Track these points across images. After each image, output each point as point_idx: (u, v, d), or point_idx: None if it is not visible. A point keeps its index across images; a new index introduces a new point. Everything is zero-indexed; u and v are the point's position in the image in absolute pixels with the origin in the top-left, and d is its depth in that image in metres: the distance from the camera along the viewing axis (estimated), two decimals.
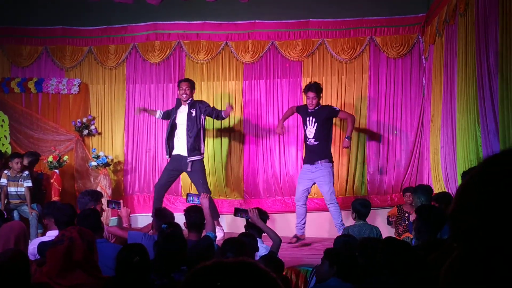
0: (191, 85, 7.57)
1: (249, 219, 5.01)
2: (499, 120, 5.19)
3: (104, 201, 6.47)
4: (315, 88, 7.14)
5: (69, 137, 8.96)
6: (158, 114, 8.00)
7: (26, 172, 7.66)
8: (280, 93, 8.85)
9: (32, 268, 3.37)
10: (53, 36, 9.28)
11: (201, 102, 7.73)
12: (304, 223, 7.24)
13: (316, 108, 7.20)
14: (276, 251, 4.76)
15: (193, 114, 7.43)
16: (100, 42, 9.24)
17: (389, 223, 7.52)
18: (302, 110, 7.43)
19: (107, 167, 8.73)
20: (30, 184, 7.58)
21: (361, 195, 8.31)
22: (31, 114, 9.04)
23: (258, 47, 8.88)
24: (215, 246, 4.51)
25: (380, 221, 7.63)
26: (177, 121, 7.55)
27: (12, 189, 7.60)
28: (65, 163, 8.51)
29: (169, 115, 7.80)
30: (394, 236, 7.38)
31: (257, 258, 4.31)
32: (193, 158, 7.40)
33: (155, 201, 7.60)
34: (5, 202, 7.55)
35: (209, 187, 7.80)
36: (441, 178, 7.19)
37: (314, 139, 7.14)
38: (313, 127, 7.13)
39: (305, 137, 7.30)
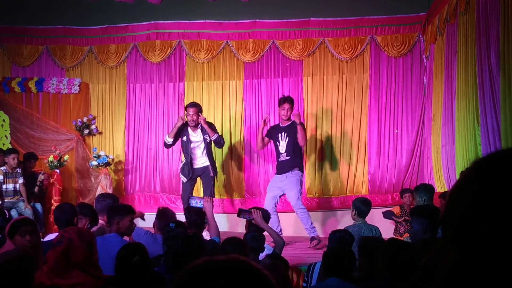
0: (199, 110, 7.50)
1: (253, 220, 5.01)
2: (500, 119, 5.18)
3: None
4: (290, 100, 7.26)
5: (70, 137, 8.96)
6: (171, 141, 7.68)
7: (19, 169, 7.68)
8: (280, 92, 8.83)
9: None
10: (53, 35, 9.28)
11: (210, 125, 7.63)
12: (280, 229, 7.09)
13: (288, 124, 7.25)
14: (279, 252, 4.75)
15: (208, 140, 7.54)
16: (100, 42, 9.24)
17: (387, 215, 7.47)
18: (273, 129, 7.48)
19: (107, 167, 8.73)
20: (22, 180, 7.69)
21: (361, 194, 8.30)
22: (31, 114, 9.04)
23: (259, 46, 8.88)
24: None
25: (380, 220, 7.62)
26: (193, 143, 7.55)
27: (10, 186, 7.61)
28: (65, 162, 8.51)
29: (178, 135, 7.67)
30: (395, 236, 7.39)
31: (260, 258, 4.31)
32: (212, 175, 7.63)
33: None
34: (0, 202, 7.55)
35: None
36: (442, 177, 7.19)
37: (285, 154, 7.23)
38: (285, 142, 7.22)
39: (278, 152, 7.34)
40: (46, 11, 9.11)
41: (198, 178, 7.81)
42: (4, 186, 7.61)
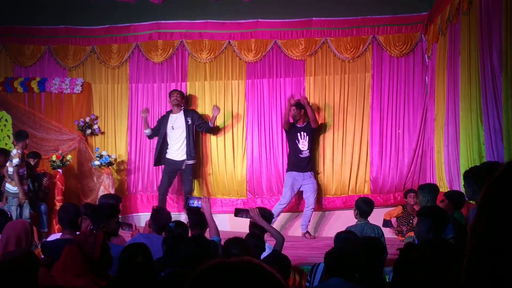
0: (181, 94, 8.59)
1: (251, 219, 5.01)
2: (503, 119, 5.17)
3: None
4: (296, 105, 8.15)
5: (72, 137, 8.96)
6: (148, 131, 8.68)
7: (14, 151, 7.58)
8: (283, 92, 8.84)
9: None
10: (56, 35, 9.29)
11: (194, 111, 8.68)
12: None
13: (305, 124, 8.17)
14: (280, 250, 4.76)
15: (189, 122, 8.42)
16: (103, 42, 9.24)
17: (386, 225, 7.46)
18: (291, 127, 8.27)
19: (110, 167, 8.74)
20: (17, 162, 7.47)
21: (363, 194, 8.29)
22: (34, 114, 9.05)
23: (261, 46, 8.87)
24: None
25: (382, 220, 7.63)
26: (170, 128, 8.44)
27: (24, 170, 7.58)
28: (68, 162, 8.51)
29: (156, 132, 8.61)
30: (397, 236, 7.40)
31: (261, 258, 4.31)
32: (190, 162, 8.43)
33: (160, 202, 8.25)
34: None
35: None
36: (444, 177, 7.18)
37: (308, 151, 8.14)
38: (306, 140, 8.14)
39: (297, 150, 8.15)
40: (48, 11, 9.11)
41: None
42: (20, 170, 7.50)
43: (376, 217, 7.27)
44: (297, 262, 5.64)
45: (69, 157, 8.55)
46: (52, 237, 5.05)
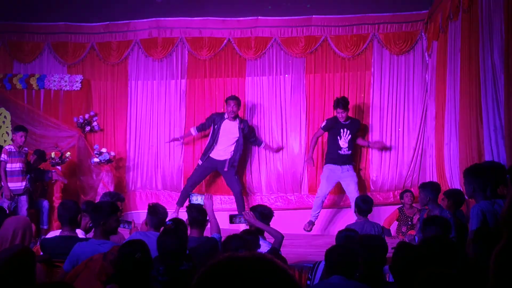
0: (238, 102, 8.17)
1: (246, 223, 5.01)
2: (504, 116, 5.16)
3: None
4: (342, 105, 7.83)
5: (71, 134, 8.93)
6: (193, 131, 8.58)
7: (26, 148, 7.56)
8: (283, 89, 8.83)
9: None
10: (55, 32, 9.25)
11: (247, 123, 8.37)
12: (317, 216, 7.93)
13: (348, 121, 7.92)
14: (278, 247, 4.75)
15: (245, 131, 8.22)
16: (102, 38, 9.21)
17: (384, 234, 7.45)
18: (333, 123, 7.98)
19: (109, 164, 8.72)
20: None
21: (363, 192, 8.28)
22: (33, 111, 9.01)
23: (261, 43, 8.85)
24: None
25: (383, 218, 7.62)
26: (222, 131, 8.14)
27: (16, 165, 7.41)
28: (67, 159, 8.48)
29: (205, 127, 8.42)
30: (397, 234, 7.39)
31: None
32: (232, 171, 8.22)
33: (183, 194, 8.05)
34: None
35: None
36: (445, 175, 7.17)
37: (347, 149, 7.92)
38: (347, 137, 7.91)
39: (337, 146, 7.90)
40: (47, 7, 9.07)
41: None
42: (9, 165, 7.38)
43: (376, 216, 7.27)
44: (298, 260, 5.63)
45: (68, 154, 8.52)
46: (51, 234, 5.03)
